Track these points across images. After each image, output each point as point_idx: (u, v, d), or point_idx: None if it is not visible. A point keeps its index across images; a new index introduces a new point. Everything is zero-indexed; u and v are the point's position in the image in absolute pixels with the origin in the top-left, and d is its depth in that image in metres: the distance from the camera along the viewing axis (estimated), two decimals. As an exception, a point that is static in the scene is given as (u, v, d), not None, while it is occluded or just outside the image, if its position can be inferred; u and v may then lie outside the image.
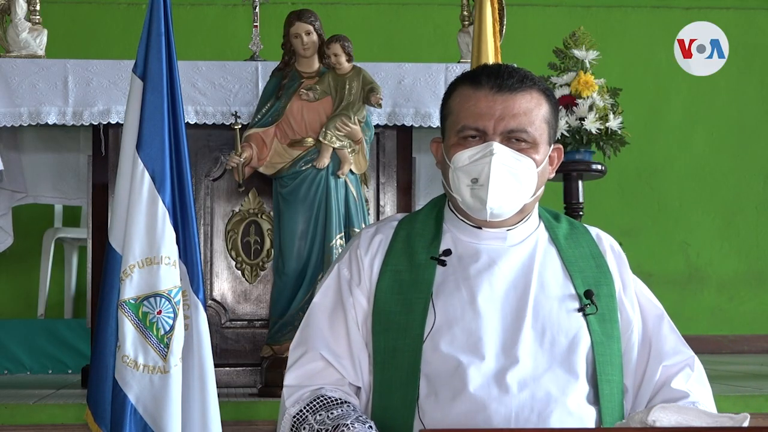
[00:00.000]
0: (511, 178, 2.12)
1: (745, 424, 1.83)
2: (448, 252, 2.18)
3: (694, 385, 2.18)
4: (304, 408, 2.11)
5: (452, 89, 2.22)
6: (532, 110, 2.14)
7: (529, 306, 2.12)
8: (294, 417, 2.12)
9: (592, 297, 2.13)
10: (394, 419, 2.09)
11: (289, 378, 2.18)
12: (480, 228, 2.19)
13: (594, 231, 2.29)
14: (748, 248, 7.08)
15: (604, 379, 2.11)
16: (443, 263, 2.16)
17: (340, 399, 2.11)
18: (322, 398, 2.11)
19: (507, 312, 2.11)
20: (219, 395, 3.07)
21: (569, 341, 2.10)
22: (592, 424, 2.05)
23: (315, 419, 2.08)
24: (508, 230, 2.19)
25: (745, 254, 7.07)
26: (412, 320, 2.12)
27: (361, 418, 2.04)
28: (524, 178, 2.13)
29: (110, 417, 2.91)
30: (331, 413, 2.07)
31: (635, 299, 2.23)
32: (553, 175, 2.26)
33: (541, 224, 2.25)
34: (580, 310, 2.13)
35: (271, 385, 4.03)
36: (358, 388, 2.18)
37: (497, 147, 2.11)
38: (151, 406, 2.88)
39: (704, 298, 6.91)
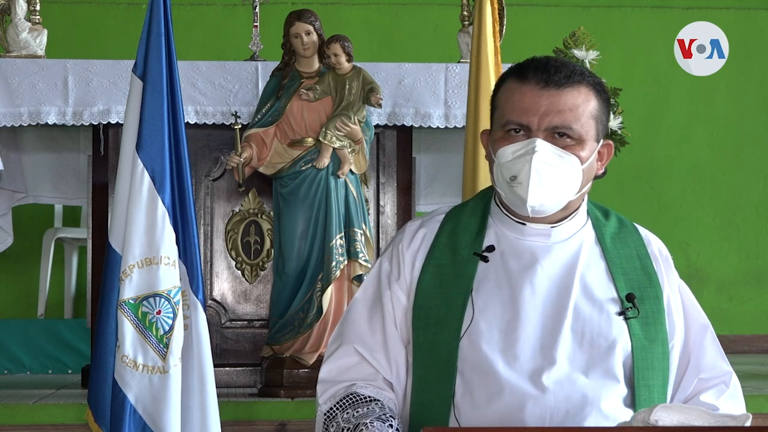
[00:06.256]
0: (553, 175, 2.08)
1: (748, 423, 1.82)
2: (491, 248, 2.14)
3: (726, 401, 2.15)
4: (335, 405, 2.10)
5: (500, 82, 2.19)
6: (579, 106, 2.10)
7: (569, 307, 2.08)
8: (325, 414, 2.11)
9: (634, 300, 2.10)
10: (431, 416, 2.07)
11: (323, 371, 2.17)
12: (524, 224, 2.15)
13: (644, 232, 2.26)
14: (748, 248, 7.06)
15: (642, 384, 2.08)
16: (486, 259, 2.13)
17: (370, 397, 2.10)
18: (352, 396, 2.10)
19: (547, 312, 2.08)
20: (219, 395, 3.08)
21: (609, 344, 2.07)
22: None
23: (342, 417, 2.07)
24: (552, 227, 2.14)
25: (745, 254, 7.06)
26: (451, 316, 2.09)
27: (383, 416, 2.03)
28: (567, 176, 2.09)
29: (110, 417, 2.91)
30: (357, 411, 2.06)
31: (681, 306, 2.20)
32: (602, 171, 2.21)
33: (589, 222, 2.21)
34: (621, 313, 2.10)
35: (271, 385, 4.03)
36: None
37: (540, 144, 2.07)
38: (150, 406, 2.88)
39: (704, 298, 6.87)
